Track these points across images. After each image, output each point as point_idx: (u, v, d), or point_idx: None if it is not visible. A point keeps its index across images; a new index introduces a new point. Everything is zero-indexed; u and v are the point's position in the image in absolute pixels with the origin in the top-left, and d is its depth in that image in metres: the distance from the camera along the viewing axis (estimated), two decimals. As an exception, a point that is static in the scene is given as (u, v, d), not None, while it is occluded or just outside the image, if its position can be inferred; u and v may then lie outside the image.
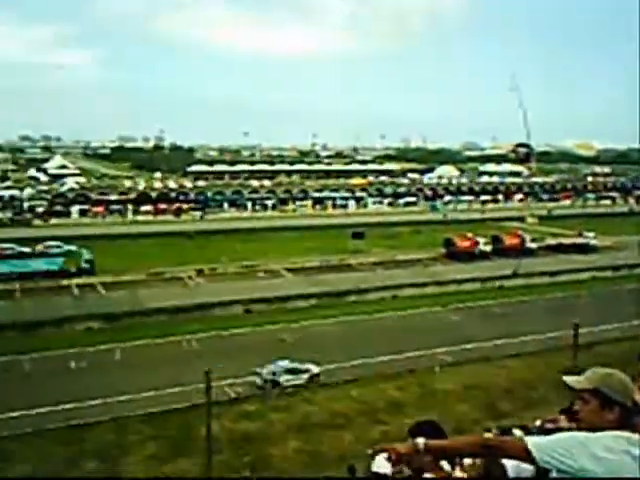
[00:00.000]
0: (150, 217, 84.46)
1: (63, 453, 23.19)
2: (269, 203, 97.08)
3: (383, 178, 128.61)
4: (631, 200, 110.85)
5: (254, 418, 26.42)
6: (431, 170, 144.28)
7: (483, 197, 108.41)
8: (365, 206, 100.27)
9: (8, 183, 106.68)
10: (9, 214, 79.91)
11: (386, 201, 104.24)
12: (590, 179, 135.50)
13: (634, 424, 2.71)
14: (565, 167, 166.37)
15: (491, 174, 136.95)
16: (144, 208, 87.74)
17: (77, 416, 26.21)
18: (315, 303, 45.57)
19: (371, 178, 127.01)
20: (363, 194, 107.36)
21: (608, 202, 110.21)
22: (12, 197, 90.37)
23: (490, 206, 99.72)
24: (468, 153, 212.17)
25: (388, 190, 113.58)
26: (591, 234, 68.50)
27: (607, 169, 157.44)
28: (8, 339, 36.16)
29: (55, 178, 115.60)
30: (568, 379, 2.88)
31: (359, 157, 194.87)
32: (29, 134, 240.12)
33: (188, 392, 27.16)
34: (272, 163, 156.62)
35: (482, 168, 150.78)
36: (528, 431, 6.28)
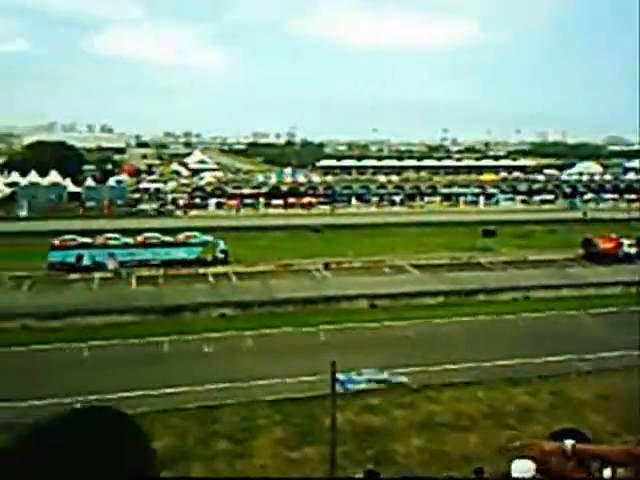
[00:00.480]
0: (280, 210, 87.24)
1: (196, 432, 24.62)
2: (397, 198, 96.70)
3: (517, 174, 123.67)
4: None
5: (377, 412, 26.51)
6: (571, 166, 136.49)
7: (629, 195, 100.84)
8: (497, 203, 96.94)
9: (154, 177, 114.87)
10: (154, 206, 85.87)
11: (519, 198, 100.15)
12: None
13: None
14: None
15: (639, 171, 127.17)
16: (275, 202, 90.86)
17: (209, 397, 27.67)
18: (442, 301, 44.70)
19: (504, 174, 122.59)
20: (495, 190, 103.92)
21: None
22: (157, 190, 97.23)
23: (637, 205, 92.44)
24: (612, 148, 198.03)
25: (522, 187, 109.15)
26: None
27: None
28: (151, 322, 39.09)
29: (195, 172, 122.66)
30: None
31: (491, 152, 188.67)
32: (172, 131, 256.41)
33: (314, 382, 27.73)
34: (400, 158, 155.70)
35: (628, 164, 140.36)
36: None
